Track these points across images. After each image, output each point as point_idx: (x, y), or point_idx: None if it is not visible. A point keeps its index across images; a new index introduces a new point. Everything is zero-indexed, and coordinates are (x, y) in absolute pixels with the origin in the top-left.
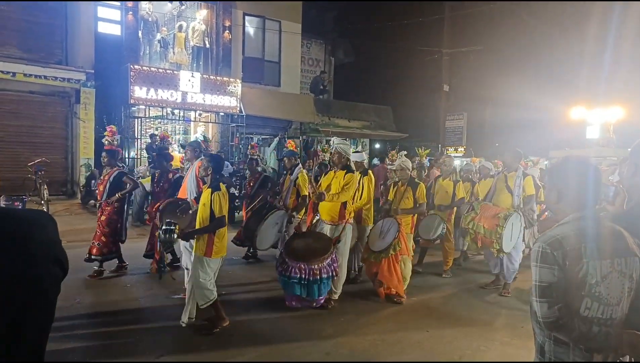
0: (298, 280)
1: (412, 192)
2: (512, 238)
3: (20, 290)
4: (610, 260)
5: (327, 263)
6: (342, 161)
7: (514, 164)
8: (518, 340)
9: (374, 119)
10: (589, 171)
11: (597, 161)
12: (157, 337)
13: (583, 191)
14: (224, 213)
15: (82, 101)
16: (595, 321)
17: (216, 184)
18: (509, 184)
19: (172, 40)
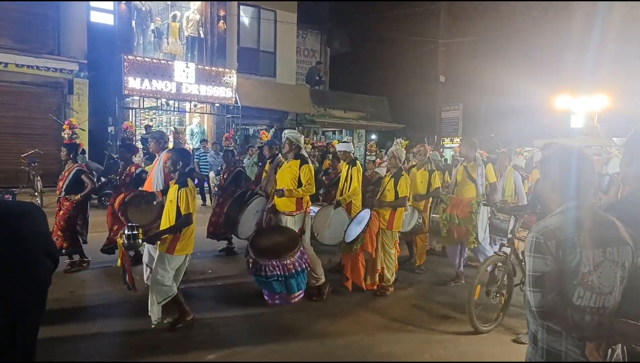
0: (276, 278)
1: (394, 184)
2: (483, 227)
3: (12, 282)
4: (603, 249)
5: (298, 256)
6: (293, 150)
7: (470, 154)
8: (513, 329)
9: (370, 110)
10: (581, 161)
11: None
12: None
13: (576, 181)
14: (190, 211)
15: (75, 91)
16: (587, 310)
17: (183, 180)
18: (470, 174)
19: (166, 30)
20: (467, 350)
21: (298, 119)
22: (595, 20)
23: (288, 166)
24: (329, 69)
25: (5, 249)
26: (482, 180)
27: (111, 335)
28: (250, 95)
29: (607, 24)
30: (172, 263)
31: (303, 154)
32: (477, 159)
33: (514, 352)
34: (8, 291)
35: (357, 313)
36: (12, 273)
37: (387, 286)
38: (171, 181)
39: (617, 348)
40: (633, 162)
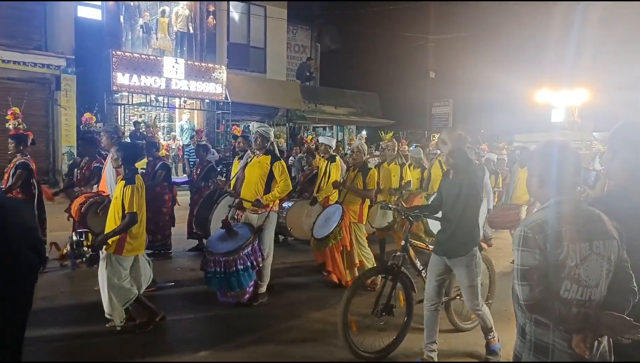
0: (213, 274)
1: (362, 177)
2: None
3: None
4: (589, 243)
5: (246, 253)
6: (265, 146)
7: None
8: (501, 322)
9: (360, 106)
10: (569, 155)
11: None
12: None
13: (563, 176)
14: (135, 209)
15: (63, 87)
16: (574, 303)
17: (130, 176)
18: (444, 169)
19: (154, 26)
20: (456, 343)
21: (288, 115)
22: (574, 17)
23: (258, 162)
24: (319, 65)
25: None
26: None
27: (93, 336)
28: (241, 91)
29: (585, 21)
30: (123, 263)
31: (273, 150)
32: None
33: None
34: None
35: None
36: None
37: (375, 281)
38: (119, 176)
39: (603, 340)
40: (616, 157)
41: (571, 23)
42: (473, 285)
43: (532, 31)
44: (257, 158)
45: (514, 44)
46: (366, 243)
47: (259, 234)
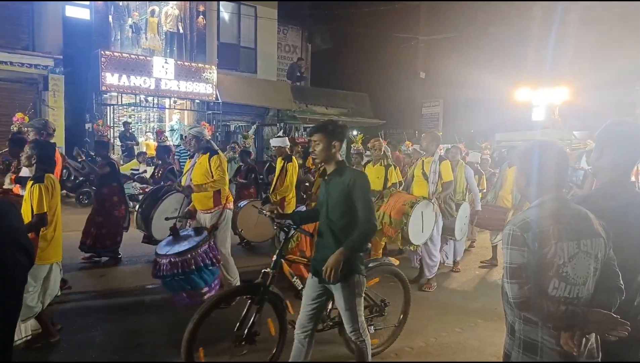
0: (171, 277)
1: None
2: (425, 229)
3: None
4: (577, 241)
5: (203, 251)
6: (201, 145)
7: (431, 148)
8: (492, 321)
9: (351, 106)
10: (556, 155)
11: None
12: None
13: (551, 175)
14: (44, 210)
15: (51, 87)
16: (562, 300)
17: (39, 175)
18: (425, 171)
19: (144, 26)
20: (448, 342)
21: (279, 115)
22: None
23: (199, 163)
24: (310, 65)
25: None
26: (434, 177)
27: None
28: (231, 91)
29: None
30: (37, 273)
31: (211, 147)
32: (435, 155)
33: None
34: None
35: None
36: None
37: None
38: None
39: (590, 338)
40: (603, 156)
41: (551, 22)
42: (351, 308)
43: (514, 30)
44: (198, 158)
45: (498, 43)
46: None
47: (214, 233)
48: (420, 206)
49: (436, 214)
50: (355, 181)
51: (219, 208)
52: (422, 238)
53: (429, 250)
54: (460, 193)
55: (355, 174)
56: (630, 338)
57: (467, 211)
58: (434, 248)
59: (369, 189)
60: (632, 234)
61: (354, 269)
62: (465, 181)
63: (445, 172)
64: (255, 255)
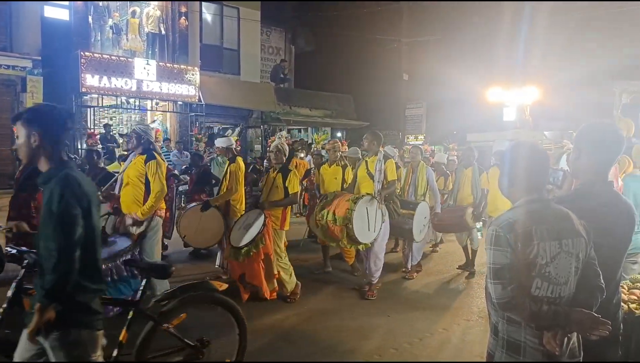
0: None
1: (282, 180)
2: (371, 227)
3: None
4: (559, 241)
5: (125, 261)
6: (140, 144)
7: (372, 147)
8: (475, 322)
9: (335, 108)
10: (537, 155)
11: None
12: None
13: (533, 176)
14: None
15: (29, 89)
16: (545, 300)
17: None
18: (369, 170)
19: (125, 26)
20: (432, 342)
21: (263, 117)
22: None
23: (134, 163)
24: (293, 67)
25: None
26: (379, 176)
27: None
28: (214, 93)
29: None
30: None
31: (152, 149)
32: (379, 154)
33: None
34: None
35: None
36: None
37: (296, 291)
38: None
39: (572, 337)
40: (582, 156)
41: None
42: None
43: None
44: (134, 158)
45: (473, 44)
46: (285, 253)
47: (140, 241)
48: (364, 201)
49: (382, 213)
50: (53, 191)
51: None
52: (370, 236)
53: (375, 253)
54: (420, 195)
55: (60, 181)
56: (610, 337)
57: (426, 212)
58: (380, 252)
59: (71, 206)
60: (611, 233)
61: (68, 321)
62: (426, 183)
63: (390, 171)
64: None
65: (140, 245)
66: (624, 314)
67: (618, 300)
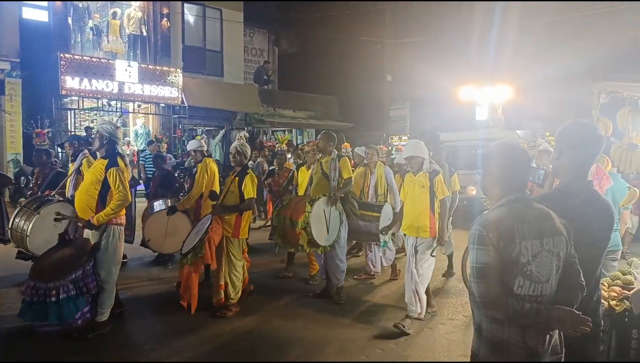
0: (29, 304)
1: (239, 184)
2: (331, 230)
3: None
4: (540, 240)
5: (73, 279)
6: (105, 147)
7: (327, 148)
8: (460, 321)
9: (319, 109)
10: (519, 155)
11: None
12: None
13: (516, 175)
14: None
15: (7, 92)
16: (527, 298)
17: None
18: (324, 170)
19: (105, 28)
20: (417, 342)
21: (247, 119)
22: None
23: (94, 167)
24: (277, 69)
25: None
26: (335, 175)
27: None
28: (197, 95)
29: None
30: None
31: (116, 153)
32: (332, 153)
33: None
34: None
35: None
36: None
37: (230, 305)
38: None
39: (554, 334)
40: (562, 156)
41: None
42: None
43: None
44: (96, 160)
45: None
46: (243, 261)
47: (95, 254)
48: (321, 201)
49: (340, 213)
50: None
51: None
52: (329, 238)
53: (337, 254)
54: (381, 195)
55: None
56: (591, 334)
57: (390, 213)
58: (341, 253)
59: None
60: (591, 231)
61: None
62: (385, 182)
63: (345, 169)
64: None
65: (96, 257)
66: (605, 311)
67: (598, 297)
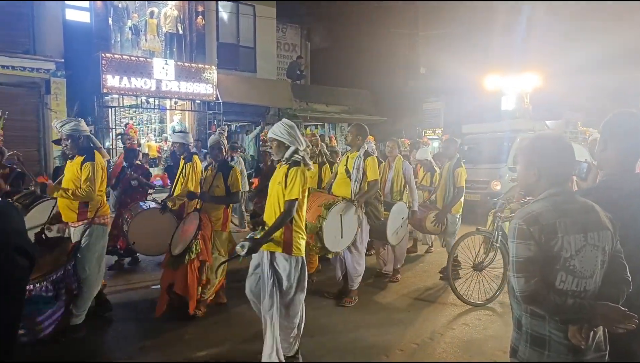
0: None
1: (223, 178)
2: (345, 235)
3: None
4: (584, 234)
5: (53, 279)
6: (79, 145)
7: (355, 141)
8: (495, 315)
9: (352, 103)
10: (565, 147)
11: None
12: (106, 336)
13: (560, 168)
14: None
15: (53, 91)
16: (569, 293)
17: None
18: (348, 168)
19: (143, 27)
20: (455, 337)
21: (280, 114)
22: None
23: (71, 164)
24: (309, 63)
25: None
26: (357, 174)
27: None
28: (231, 91)
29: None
30: None
31: (91, 147)
32: (360, 150)
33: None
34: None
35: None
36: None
37: (201, 304)
38: None
39: (598, 331)
40: (608, 148)
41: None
42: None
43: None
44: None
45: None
46: (221, 258)
47: (76, 253)
48: (338, 208)
49: (359, 218)
50: None
51: (83, 222)
52: (342, 244)
53: (354, 259)
54: (397, 192)
55: None
56: (637, 330)
57: (404, 212)
58: (359, 256)
59: None
60: (638, 225)
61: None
62: (403, 179)
63: (371, 170)
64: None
65: (76, 257)
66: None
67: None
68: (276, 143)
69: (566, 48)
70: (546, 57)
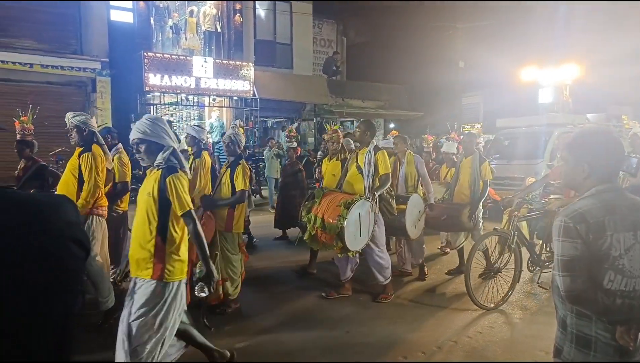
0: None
1: (230, 176)
2: (363, 233)
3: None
4: (634, 233)
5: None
6: (83, 137)
7: (363, 138)
8: (539, 314)
9: (388, 99)
10: (615, 142)
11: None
12: None
13: (608, 164)
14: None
15: (98, 89)
16: (618, 293)
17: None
18: (359, 164)
19: (183, 26)
20: (492, 337)
21: (316, 110)
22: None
23: (73, 158)
24: (345, 59)
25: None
26: (369, 169)
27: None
28: (268, 87)
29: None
30: None
31: (92, 141)
32: (370, 145)
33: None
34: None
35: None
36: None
37: (229, 302)
38: None
39: None
40: None
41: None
42: None
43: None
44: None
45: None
46: (239, 255)
47: None
48: (357, 206)
49: (375, 214)
50: None
51: (84, 215)
52: (361, 243)
53: (375, 252)
54: (411, 186)
55: None
56: None
57: (420, 205)
58: (379, 251)
59: None
60: None
61: None
62: (416, 172)
63: (382, 163)
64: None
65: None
66: None
67: None
68: (145, 145)
69: (609, 37)
70: (587, 47)
